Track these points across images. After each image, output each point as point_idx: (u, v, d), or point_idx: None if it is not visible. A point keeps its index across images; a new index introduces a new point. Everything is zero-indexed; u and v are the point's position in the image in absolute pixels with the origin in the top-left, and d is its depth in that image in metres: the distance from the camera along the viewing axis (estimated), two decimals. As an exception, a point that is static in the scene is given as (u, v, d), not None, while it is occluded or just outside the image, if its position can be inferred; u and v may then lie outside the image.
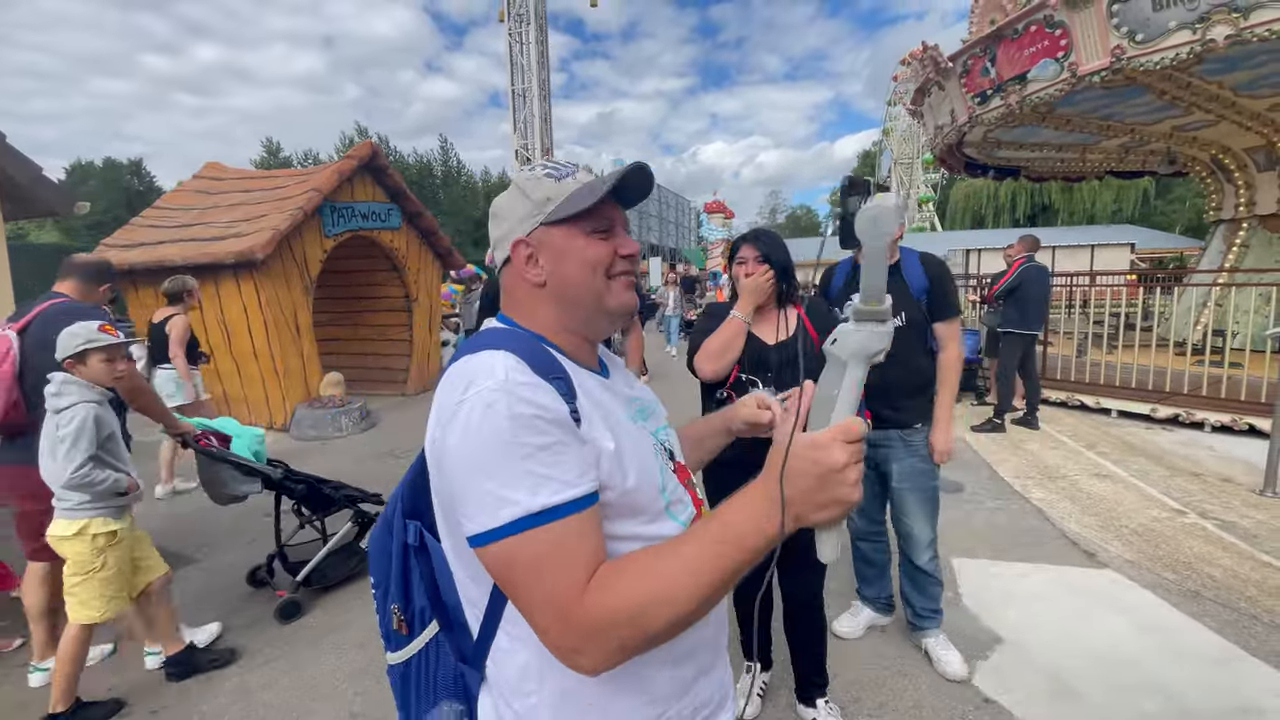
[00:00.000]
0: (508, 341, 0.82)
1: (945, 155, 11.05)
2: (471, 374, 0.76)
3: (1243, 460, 5.07)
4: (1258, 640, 2.72)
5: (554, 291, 0.90)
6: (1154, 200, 34.59)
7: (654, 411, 1.02)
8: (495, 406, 0.72)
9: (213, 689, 2.62)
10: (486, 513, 0.71)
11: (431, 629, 0.92)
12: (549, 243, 0.89)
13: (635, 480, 0.82)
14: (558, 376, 0.80)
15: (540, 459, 0.72)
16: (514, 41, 19.88)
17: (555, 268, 0.89)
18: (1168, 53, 6.29)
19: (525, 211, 0.90)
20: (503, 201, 0.95)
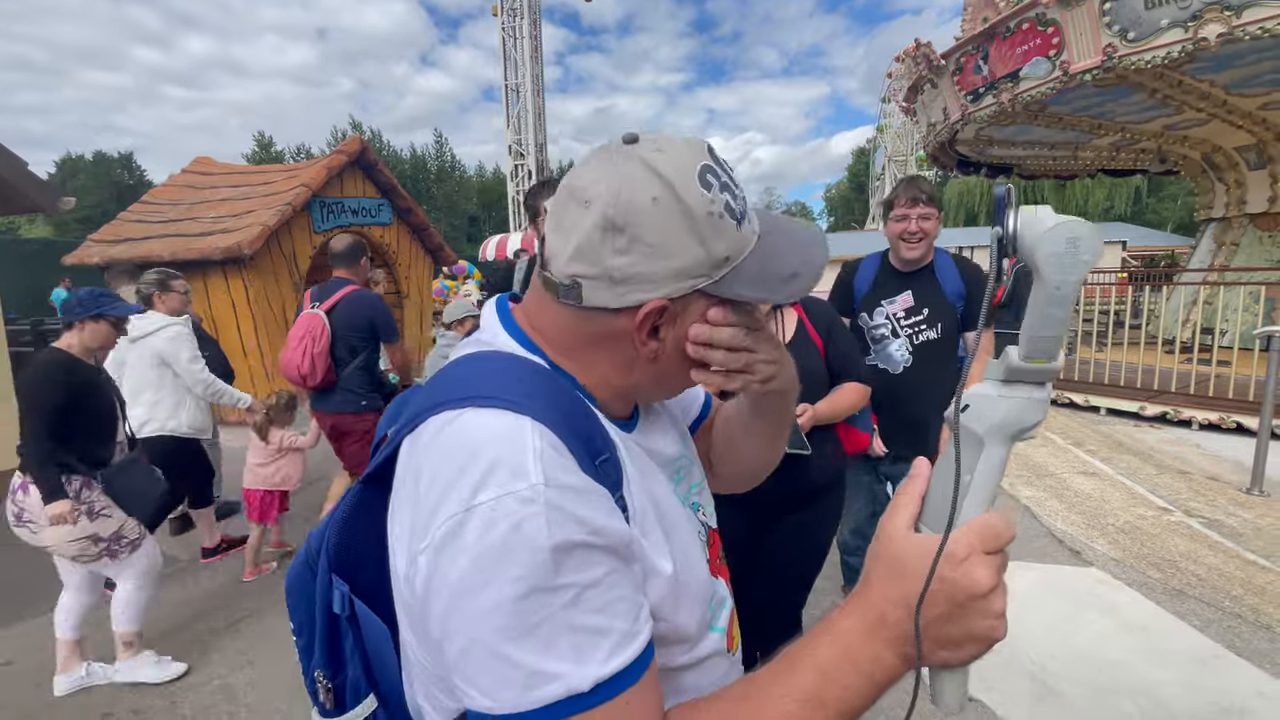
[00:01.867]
0: (535, 394, 0.57)
1: (937, 153, 11.07)
2: (481, 458, 0.51)
3: (1230, 459, 5.11)
4: (1242, 640, 2.73)
5: (659, 370, 0.64)
6: (1146, 198, 34.83)
7: (691, 466, 0.79)
8: (527, 529, 0.48)
9: (196, 689, 2.60)
10: (508, 689, 0.49)
11: (369, 703, 0.67)
12: (690, 314, 0.61)
13: (688, 602, 0.62)
14: (604, 456, 0.57)
15: (589, 603, 0.50)
16: (507, 35, 19.78)
17: (677, 351, 0.62)
18: (1159, 51, 6.31)
19: (691, 264, 0.58)
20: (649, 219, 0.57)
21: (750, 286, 0.61)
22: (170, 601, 3.30)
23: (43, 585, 3.49)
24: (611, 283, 0.58)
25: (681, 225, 0.57)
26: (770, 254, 0.62)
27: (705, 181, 0.58)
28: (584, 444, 0.56)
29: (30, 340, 8.89)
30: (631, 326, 0.60)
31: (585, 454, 0.55)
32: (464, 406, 0.55)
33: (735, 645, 0.74)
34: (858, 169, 50.87)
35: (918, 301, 2.30)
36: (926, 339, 2.29)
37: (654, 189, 0.57)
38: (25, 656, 2.85)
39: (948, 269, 2.38)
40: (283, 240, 6.83)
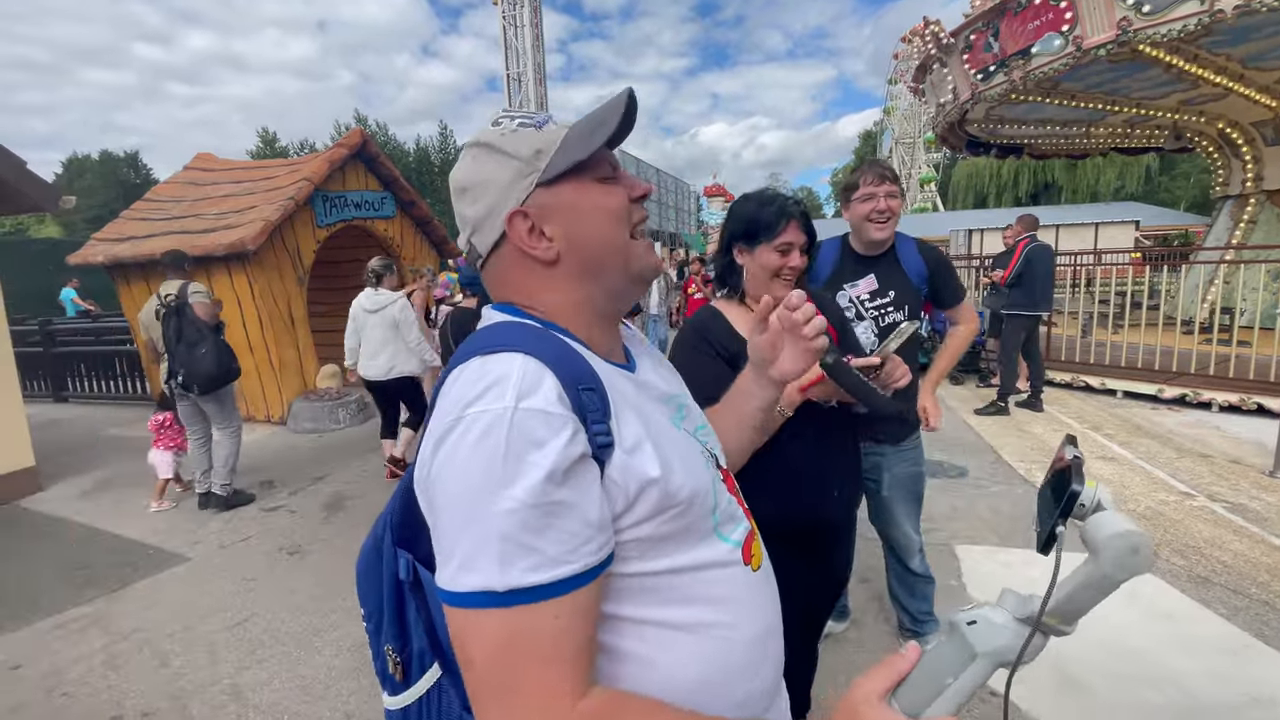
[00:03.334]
0: (529, 339, 0.67)
1: (947, 133, 10.89)
2: (482, 383, 0.62)
3: (1251, 440, 5.00)
4: (1270, 628, 2.66)
5: (574, 264, 0.73)
6: (1158, 177, 34.28)
7: (690, 405, 0.87)
8: (491, 438, 0.58)
9: (205, 690, 2.58)
10: (451, 567, 0.59)
11: (433, 673, 0.75)
12: (556, 205, 0.72)
13: (685, 504, 0.69)
14: (589, 387, 0.66)
15: (526, 521, 0.57)
16: (508, 24, 19.61)
17: (571, 232, 0.72)
18: (1175, 24, 6.15)
19: (513, 172, 0.72)
20: (471, 170, 0.75)
21: (570, 154, 0.72)
22: (177, 601, 3.29)
23: (48, 590, 3.50)
24: (481, 226, 0.75)
25: (491, 156, 0.74)
26: (580, 127, 0.74)
27: (496, 123, 0.76)
28: (569, 375, 0.65)
29: (38, 340, 8.92)
30: (523, 241, 0.73)
31: (570, 382, 0.64)
32: (473, 356, 0.66)
33: (757, 562, 0.80)
34: (864, 152, 50.31)
35: (882, 284, 2.24)
36: (893, 320, 2.22)
37: (470, 153, 0.76)
38: (34, 661, 2.84)
39: (909, 251, 2.34)
40: (286, 235, 6.78)
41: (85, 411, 8.30)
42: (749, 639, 0.75)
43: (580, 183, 0.73)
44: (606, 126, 0.71)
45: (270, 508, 4.56)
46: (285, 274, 6.83)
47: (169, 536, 4.12)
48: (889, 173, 2.21)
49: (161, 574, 3.60)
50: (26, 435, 5.12)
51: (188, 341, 4.20)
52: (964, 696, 0.63)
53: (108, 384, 8.74)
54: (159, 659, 2.80)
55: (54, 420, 7.73)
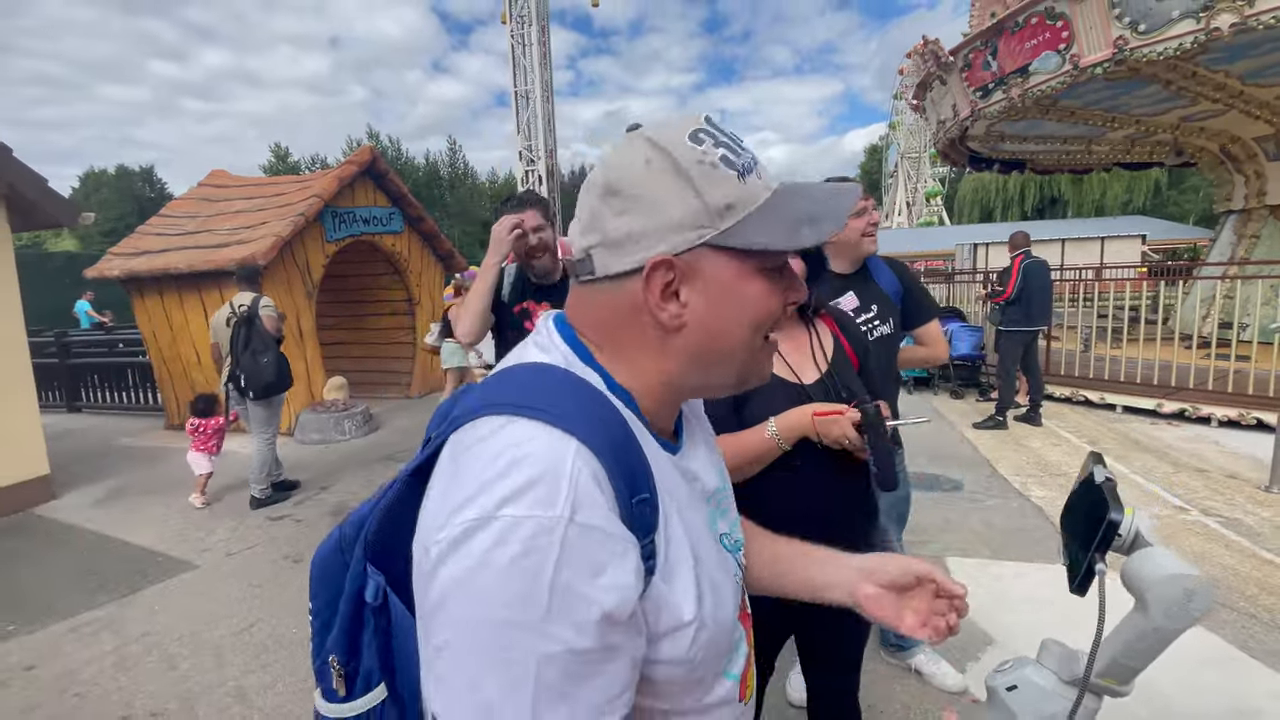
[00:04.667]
0: (584, 415, 0.54)
1: (948, 149, 11.00)
2: (517, 470, 0.49)
3: (1249, 456, 5.02)
4: (1256, 640, 2.69)
5: (691, 344, 0.60)
6: (1166, 190, 34.23)
7: (726, 496, 0.75)
8: (537, 557, 0.47)
9: (211, 692, 2.66)
10: (463, 711, 0.48)
11: (378, 694, 0.66)
12: (705, 273, 0.59)
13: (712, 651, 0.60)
14: (644, 496, 0.54)
15: (567, 668, 0.47)
16: (516, 42, 19.93)
17: (706, 311, 0.59)
18: (1171, 43, 6.24)
19: (687, 214, 0.57)
20: (643, 179, 0.58)
21: (764, 233, 0.58)
22: (186, 606, 3.38)
23: (62, 594, 3.60)
24: (615, 246, 0.59)
25: (674, 179, 0.57)
26: (788, 204, 0.60)
27: (697, 138, 0.58)
28: (626, 478, 0.53)
29: (55, 351, 9.11)
30: (653, 294, 0.58)
31: (625, 489, 0.53)
32: (516, 415, 0.54)
33: (748, 694, 0.72)
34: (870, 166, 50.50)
35: (863, 301, 2.25)
36: (881, 334, 2.24)
37: (646, 152, 0.58)
38: (47, 662, 2.93)
39: (880, 268, 2.37)
40: (296, 250, 6.94)
41: (98, 421, 8.46)
42: None
43: (749, 268, 0.60)
44: (819, 227, 0.59)
45: (276, 517, 4.66)
46: (295, 288, 6.98)
47: (178, 544, 4.22)
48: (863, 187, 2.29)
49: (171, 580, 3.70)
50: (42, 444, 5.25)
51: (254, 350, 4.58)
52: None
53: (121, 395, 8.92)
54: (167, 662, 2.88)
55: (68, 430, 7.88)
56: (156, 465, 6.20)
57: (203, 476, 4.92)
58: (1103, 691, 0.55)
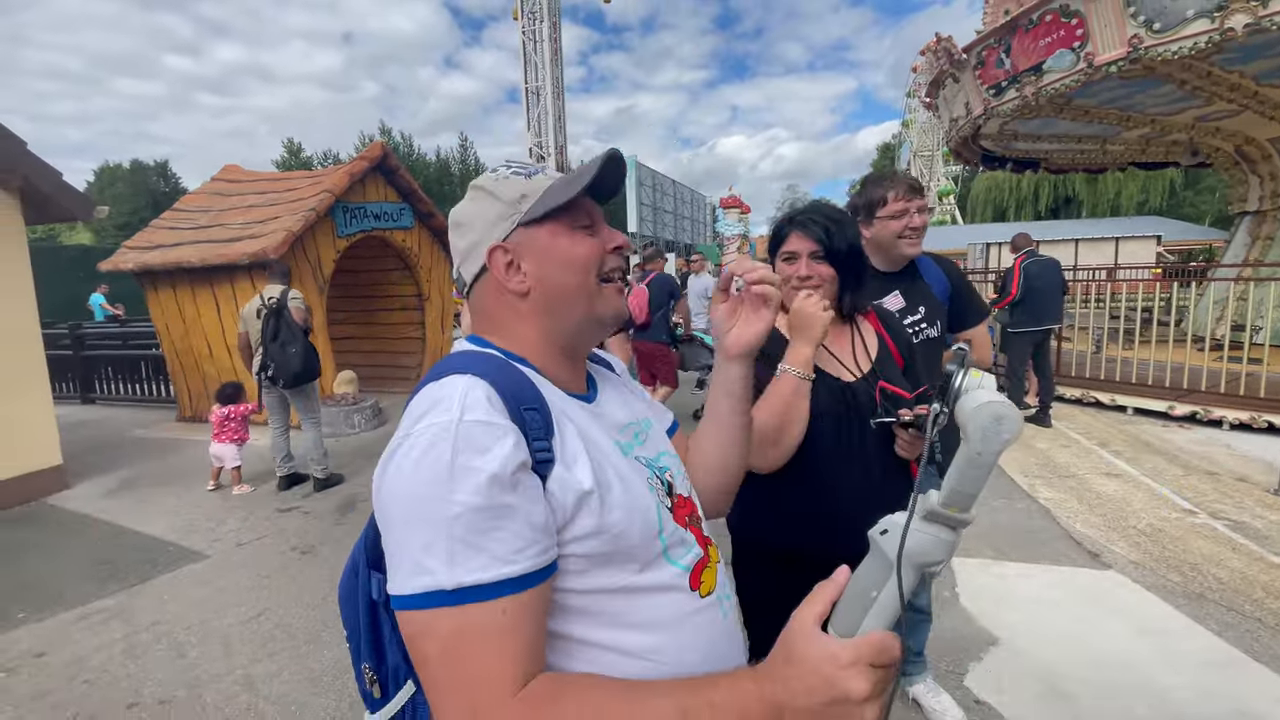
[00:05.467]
0: (478, 364, 0.74)
1: (960, 148, 10.92)
2: (428, 403, 0.68)
3: (1260, 459, 4.96)
4: (1261, 644, 2.67)
5: (540, 300, 0.80)
6: (1182, 191, 33.80)
7: (653, 435, 0.91)
8: (437, 448, 0.63)
9: (219, 680, 2.70)
10: (401, 573, 0.63)
11: (408, 689, 0.78)
12: (531, 245, 0.80)
13: (623, 524, 0.72)
14: (531, 408, 0.71)
15: (472, 523, 0.62)
16: (527, 39, 19.94)
17: (541, 271, 0.80)
18: (1186, 42, 6.16)
19: (497, 213, 0.81)
20: (466, 209, 0.84)
21: (552, 198, 0.80)
22: (195, 596, 3.43)
23: (73, 583, 3.66)
24: (466, 258, 0.84)
25: (482, 198, 0.83)
26: (562, 180, 0.82)
27: (495, 170, 0.85)
28: (514, 396, 0.71)
29: (69, 344, 9.23)
30: (500, 275, 0.80)
31: (514, 402, 0.70)
32: (429, 380, 0.73)
33: (707, 589, 0.82)
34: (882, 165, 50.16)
35: (909, 301, 2.12)
36: (928, 337, 2.10)
37: (468, 193, 0.86)
38: (58, 649, 2.98)
39: (929, 266, 2.23)
40: (307, 245, 6.99)
41: (111, 413, 8.57)
42: (683, 666, 0.74)
43: (556, 228, 0.80)
44: (584, 178, 0.79)
45: (285, 509, 4.71)
46: (306, 283, 7.03)
47: (188, 534, 4.27)
48: (917, 185, 2.09)
49: (181, 570, 3.75)
50: (55, 435, 5.33)
51: (282, 341, 4.77)
52: (891, 607, 0.61)
53: (134, 387, 9.02)
54: (176, 650, 2.93)
55: (82, 421, 7.99)
56: (168, 457, 6.28)
57: (235, 469, 5.11)
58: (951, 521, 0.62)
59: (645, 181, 31.63)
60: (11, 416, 5.01)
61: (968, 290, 2.27)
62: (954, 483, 0.62)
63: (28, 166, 4.97)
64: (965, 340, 2.28)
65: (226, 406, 5.07)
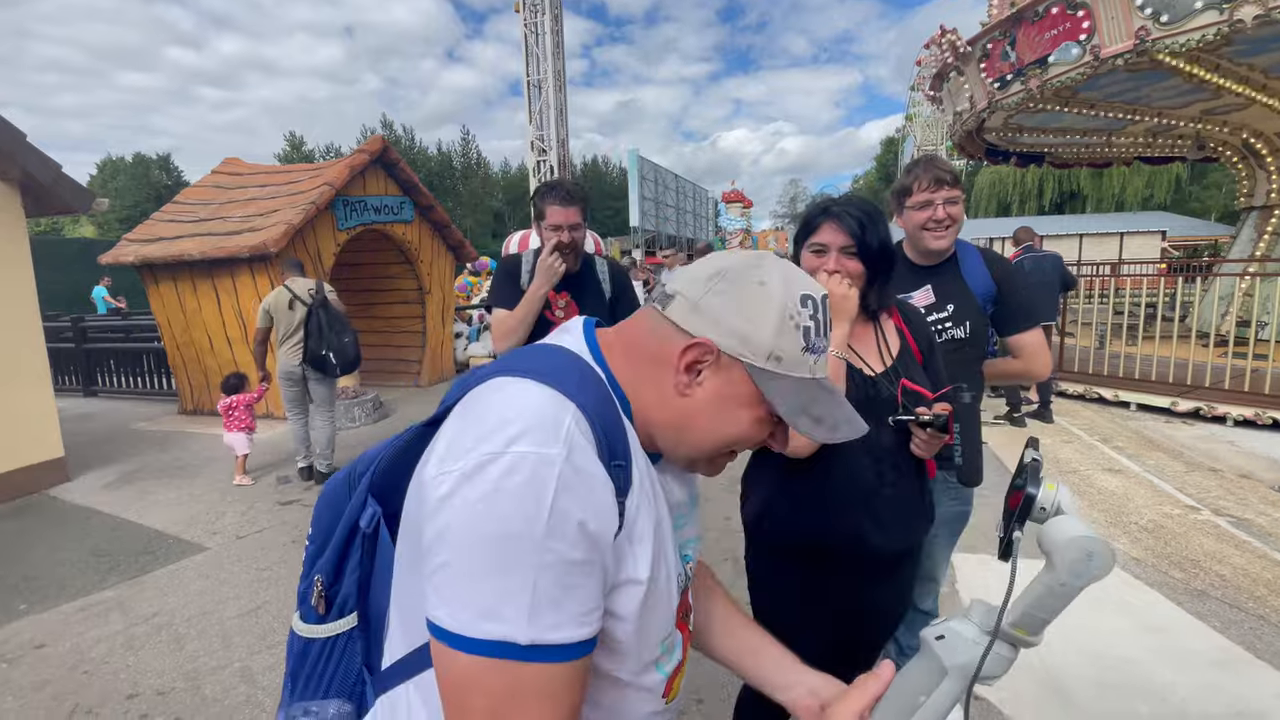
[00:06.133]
0: (574, 380, 0.65)
1: (964, 142, 10.85)
2: (525, 418, 0.59)
3: (1265, 456, 4.94)
4: (1263, 642, 2.66)
5: (678, 413, 0.70)
6: (1188, 186, 33.65)
7: (692, 515, 0.84)
8: (539, 483, 0.56)
9: (218, 672, 2.70)
10: (465, 611, 0.56)
11: (349, 621, 0.76)
12: (727, 380, 0.69)
13: (655, 626, 0.68)
14: (619, 463, 0.64)
15: (560, 577, 0.56)
16: (529, 31, 19.84)
17: (705, 402, 0.70)
18: (1194, 34, 6.11)
19: (749, 333, 0.68)
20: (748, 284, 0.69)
21: (780, 396, 0.69)
22: (195, 588, 3.43)
23: (73, 575, 3.66)
24: (694, 308, 0.69)
25: (766, 307, 0.68)
26: (811, 395, 0.71)
27: (804, 300, 0.70)
28: (608, 443, 0.63)
29: (71, 336, 9.24)
30: (683, 360, 0.69)
31: (606, 452, 0.62)
32: (527, 377, 0.64)
33: (673, 696, 0.78)
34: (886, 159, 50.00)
35: (940, 297, 2.00)
36: (952, 337, 1.98)
37: (770, 277, 0.70)
38: (58, 640, 2.99)
39: (974, 263, 2.04)
40: (307, 238, 6.98)
41: (113, 406, 8.59)
42: None
43: (754, 398, 0.70)
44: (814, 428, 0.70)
45: (285, 501, 4.71)
46: (306, 275, 7.01)
47: (189, 527, 4.28)
48: (948, 175, 1.94)
49: (181, 562, 3.76)
50: (57, 427, 5.33)
51: (337, 331, 4.91)
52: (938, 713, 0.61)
53: (136, 380, 9.03)
54: (175, 642, 2.93)
55: (84, 414, 8.00)
56: (170, 449, 6.29)
57: (241, 457, 5.17)
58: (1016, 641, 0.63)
59: (647, 176, 31.53)
60: (13, 409, 5.02)
61: (1016, 292, 2.06)
62: (1030, 606, 0.61)
63: (27, 158, 4.96)
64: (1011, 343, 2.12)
65: (230, 396, 5.11)
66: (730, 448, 0.73)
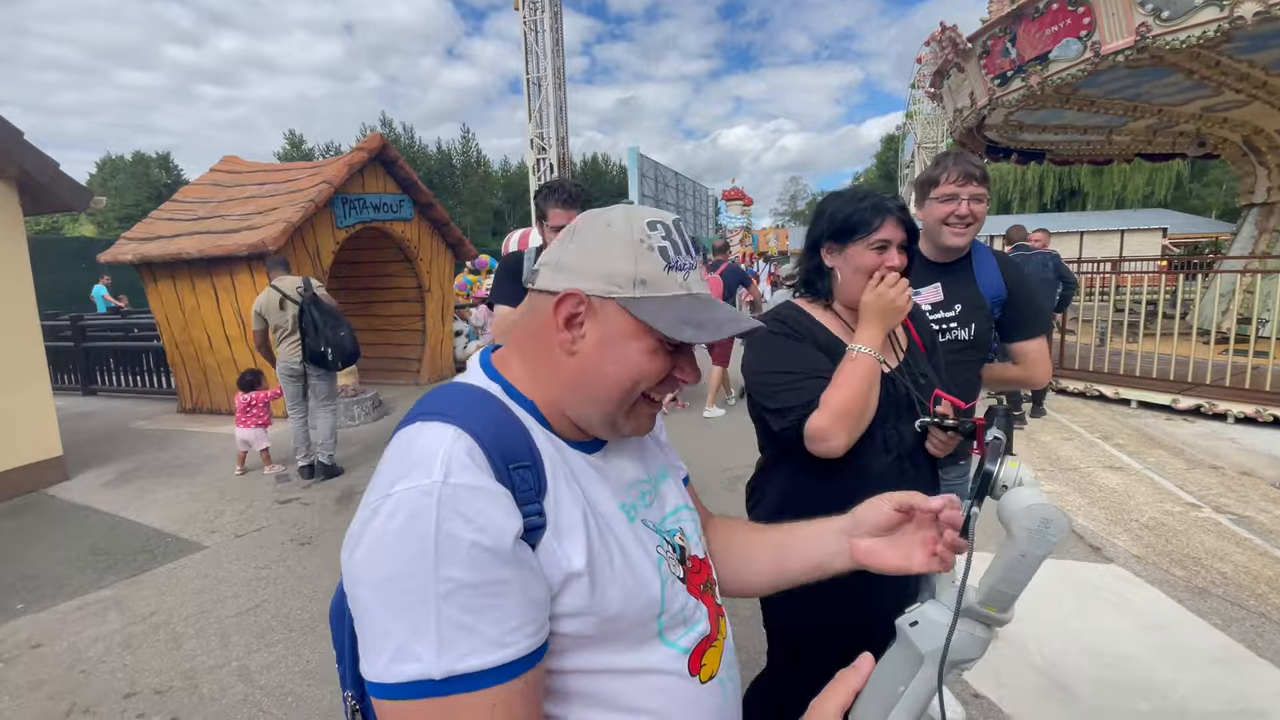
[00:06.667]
0: (463, 408, 0.66)
1: (965, 139, 10.81)
2: (410, 459, 0.60)
3: (1265, 453, 4.93)
4: (1265, 639, 2.65)
5: (577, 373, 0.70)
6: (1188, 183, 33.64)
7: (664, 491, 0.83)
8: (420, 517, 0.55)
9: (215, 671, 2.69)
10: (381, 659, 0.55)
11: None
12: (608, 322, 0.69)
13: (618, 605, 0.66)
14: (522, 465, 0.64)
15: (463, 602, 0.55)
16: (528, 29, 19.78)
17: (597, 351, 0.70)
18: (1194, 30, 6.07)
19: (610, 271, 0.69)
20: (599, 228, 0.72)
21: (658, 316, 0.69)
22: (193, 587, 3.42)
23: (71, 574, 3.66)
24: (555, 269, 0.72)
25: (617, 242, 0.70)
26: (689, 307, 0.71)
27: (652, 225, 0.71)
28: (501, 451, 0.63)
29: (70, 335, 9.23)
30: (558, 318, 0.70)
31: (501, 460, 0.62)
32: (426, 420, 0.65)
33: (709, 672, 0.75)
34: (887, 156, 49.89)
35: (948, 296, 1.97)
36: (955, 338, 1.95)
37: (615, 218, 0.72)
38: (55, 640, 2.98)
39: (987, 265, 2.00)
40: (306, 236, 6.96)
41: (112, 404, 8.58)
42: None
43: (640, 330, 0.69)
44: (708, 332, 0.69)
45: (285, 500, 4.70)
46: (304, 273, 6.98)
47: (187, 525, 4.27)
48: (976, 170, 1.89)
49: (179, 561, 3.75)
50: (55, 426, 5.32)
51: (332, 326, 4.93)
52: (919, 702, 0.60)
53: (135, 378, 9.02)
54: (173, 641, 2.92)
55: (83, 412, 8.00)
56: (168, 448, 6.28)
57: (264, 450, 5.31)
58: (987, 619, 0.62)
59: (647, 174, 31.49)
60: (11, 408, 5.01)
61: (1025, 299, 2.03)
62: (995, 582, 0.61)
63: (24, 156, 4.94)
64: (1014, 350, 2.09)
65: (249, 393, 5.20)
66: (636, 388, 0.71)
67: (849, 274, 1.41)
